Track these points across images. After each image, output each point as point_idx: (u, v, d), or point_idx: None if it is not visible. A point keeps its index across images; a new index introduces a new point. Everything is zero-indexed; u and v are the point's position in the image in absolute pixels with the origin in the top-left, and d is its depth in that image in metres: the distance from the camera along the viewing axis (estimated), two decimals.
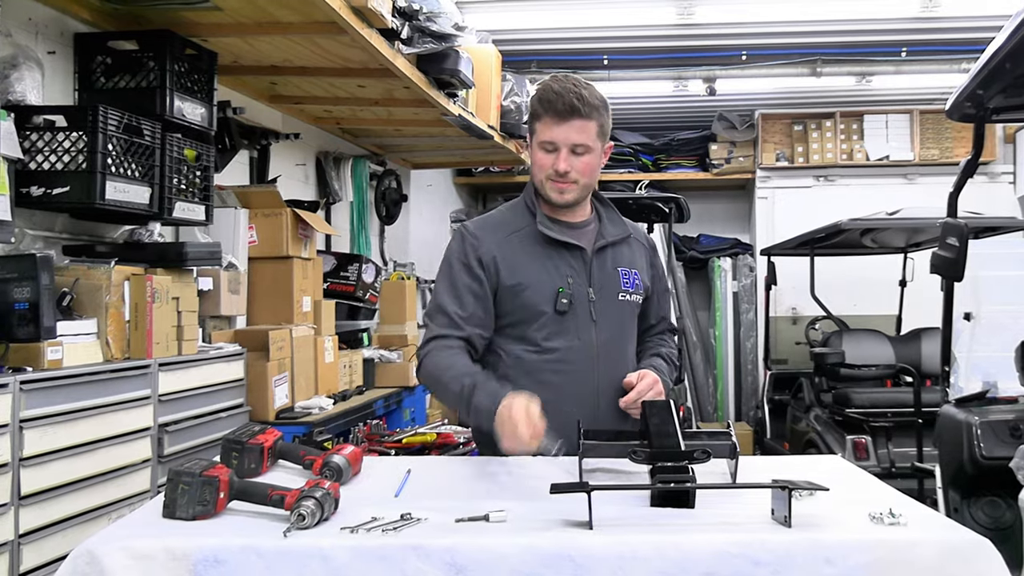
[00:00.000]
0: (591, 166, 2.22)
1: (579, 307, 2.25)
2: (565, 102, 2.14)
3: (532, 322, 2.25)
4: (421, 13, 3.86)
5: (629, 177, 8.52)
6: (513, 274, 2.24)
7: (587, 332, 2.25)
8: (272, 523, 1.56)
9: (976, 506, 3.28)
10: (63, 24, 3.23)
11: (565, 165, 2.18)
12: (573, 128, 2.16)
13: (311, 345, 4.16)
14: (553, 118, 2.16)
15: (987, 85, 3.08)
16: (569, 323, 2.24)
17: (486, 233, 2.29)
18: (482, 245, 2.26)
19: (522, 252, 2.26)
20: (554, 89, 2.17)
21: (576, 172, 2.20)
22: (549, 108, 2.16)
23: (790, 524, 1.54)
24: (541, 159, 2.22)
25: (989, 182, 7.88)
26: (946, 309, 3.58)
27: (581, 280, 2.26)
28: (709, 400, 8.67)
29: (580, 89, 2.17)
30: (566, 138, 2.17)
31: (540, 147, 2.21)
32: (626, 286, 2.31)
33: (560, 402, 2.19)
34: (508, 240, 2.27)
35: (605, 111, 2.22)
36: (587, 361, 2.25)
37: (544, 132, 2.19)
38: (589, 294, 2.26)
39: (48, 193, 2.87)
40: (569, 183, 2.22)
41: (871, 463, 5.18)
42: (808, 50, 6.55)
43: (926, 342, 6.14)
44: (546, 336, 2.24)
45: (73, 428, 2.57)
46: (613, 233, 2.34)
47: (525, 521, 1.59)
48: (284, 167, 5.14)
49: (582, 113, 2.15)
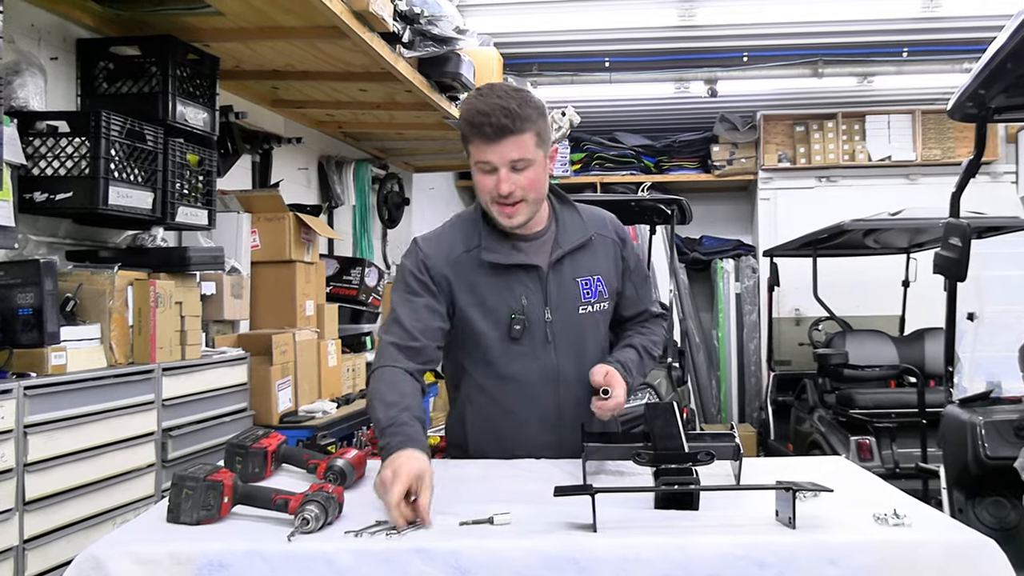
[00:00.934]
0: (535, 180, 2.08)
1: (534, 329, 2.16)
2: (493, 123, 1.99)
3: (487, 348, 2.18)
4: (422, 17, 3.87)
5: (631, 179, 8.52)
6: (463, 298, 2.16)
7: (545, 354, 2.17)
8: (276, 527, 1.56)
9: (981, 506, 3.28)
10: (65, 30, 3.24)
11: (508, 186, 2.04)
12: (508, 146, 2.01)
13: (314, 349, 4.16)
14: (482, 140, 2.02)
15: (989, 85, 3.08)
16: (525, 347, 2.16)
17: (438, 252, 2.18)
18: (433, 264, 2.16)
19: (473, 275, 2.16)
20: (479, 109, 2.01)
21: (521, 190, 2.06)
22: (478, 131, 2.02)
23: (794, 525, 1.54)
24: (482, 181, 2.08)
25: (991, 182, 7.86)
26: (949, 309, 3.58)
27: (536, 300, 2.16)
28: (712, 402, 8.66)
29: (508, 102, 2.01)
30: (502, 157, 2.03)
31: (478, 168, 2.08)
32: (587, 297, 2.21)
33: (522, 426, 2.19)
34: (459, 261, 2.16)
35: (540, 117, 2.07)
36: (546, 384, 2.18)
37: (478, 153, 2.05)
38: (545, 314, 2.16)
39: (51, 199, 2.87)
40: (516, 204, 2.08)
41: (875, 464, 5.17)
42: (809, 51, 6.54)
43: (929, 342, 6.13)
44: (502, 362, 2.17)
45: (77, 433, 2.57)
46: (571, 239, 2.21)
47: (529, 524, 1.59)
48: (286, 171, 5.14)
49: (513, 129, 2.00)
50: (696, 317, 8.69)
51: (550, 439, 2.19)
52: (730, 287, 8.63)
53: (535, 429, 2.19)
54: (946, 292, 3.59)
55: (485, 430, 2.23)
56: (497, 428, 2.21)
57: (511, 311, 2.15)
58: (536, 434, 2.19)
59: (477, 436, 2.24)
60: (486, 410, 2.22)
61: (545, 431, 2.19)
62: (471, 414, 2.25)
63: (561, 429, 2.19)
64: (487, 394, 2.22)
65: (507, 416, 2.20)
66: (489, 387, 2.21)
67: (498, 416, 2.21)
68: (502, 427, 2.20)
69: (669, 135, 8.75)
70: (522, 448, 2.18)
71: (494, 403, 2.21)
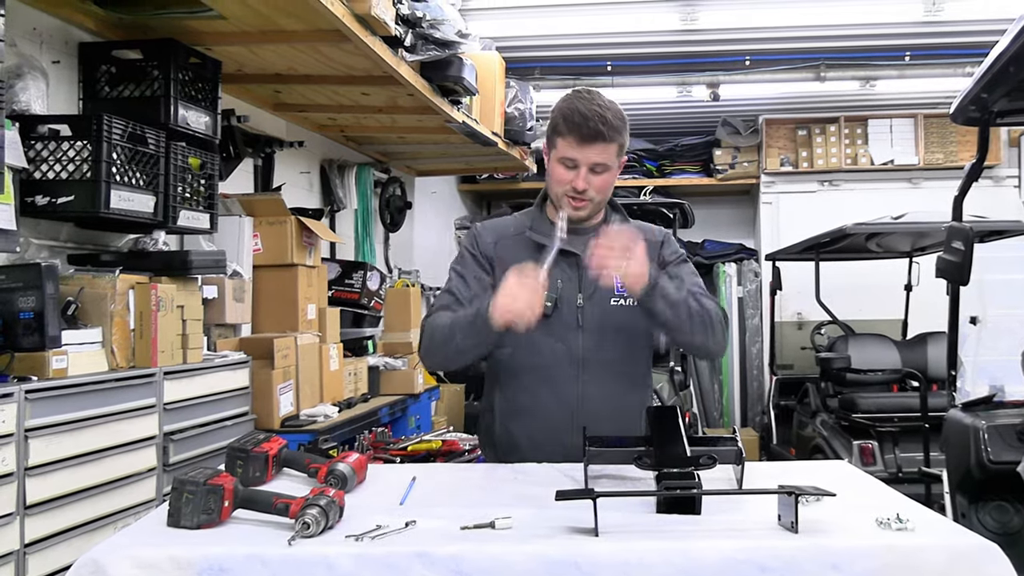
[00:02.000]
0: (608, 183, 2.26)
1: (566, 312, 2.26)
2: (591, 128, 2.15)
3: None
4: (424, 20, 3.86)
5: (633, 183, 8.52)
6: (504, 274, 2.22)
7: (572, 337, 2.26)
8: (277, 531, 1.56)
9: (984, 511, 3.27)
10: (68, 33, 3.24)
11: (583, 184, 2.20)
12: (595, 151, 2.18)
13: (316, 353, 4.16)
14: (576, 139, 2.17)
15: (991, 89, 3.08)
16: (554, 327, 2.25)
17: (489, 233, 2.39)
18: (483, 241, 2.36)
19: (515, 254, 2.28)
20: (580, 112, 2.16)
21: (593, 190, 2.23)
22: (574, 130, 2.17)
23: (797, 530, 1.54)
24: (560, 174, 2.23)
25: (994, 186, 7.86)
26: (952, 313, 3.57)
27: (571, 285, 2.27)
28: (715, 406, 8.65)
29: (605, 112, 2.17)
30: (587, 159, 2.19)
31: (560, 163, 2.23)
32: (620, 291, 2.26)
33: (542, 406, 2.26)
34: (508, 240, 2.35)
35: (626, 130, 2.24)
36: (569, 366, 2.26)
37: (566, 150, 2.20)
38: (578, 300, 2.27)
39: (53, 202, 2.87)
40: (585, 200, 2.24)
41: (878, 468, 5.17)
42: (812, 55, 6.55)
43: (932, 346, 6.13)
44: (531, 338, 2.23)
45: (78, 437, 2.57)
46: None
47: (530, 528, 1.59)
48: (288, 175, 5.14)
49: (605, 137, 2.16)
50: None
51: (568, 423, 2.23)
52: (732, 291, 8.63)
53: (557, 411, 2.26)
54: (949, 296, 3.59)
55: (509, 412, 2.32)
56: (520, 409, 2.29)
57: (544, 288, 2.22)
58: (558, 417, 2.26)
59: (504, 416, 2.33)
60: (511, 391, 2.33)
61: (565, 414, 2.25)
62: (498, 397, 2.35)
63: (580, 415, 2.22)
64: (515, 376, 2.32)
65: (532, 397, 2.28)
66: (518, 368, 2.31)
67: (523, 397, 2.29)
68: (525, 408, 2.29)
69: (671, 139, 8.76)
70: (542, 431, 2.26)
71: (520, 384, 2.30)
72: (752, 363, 8.55)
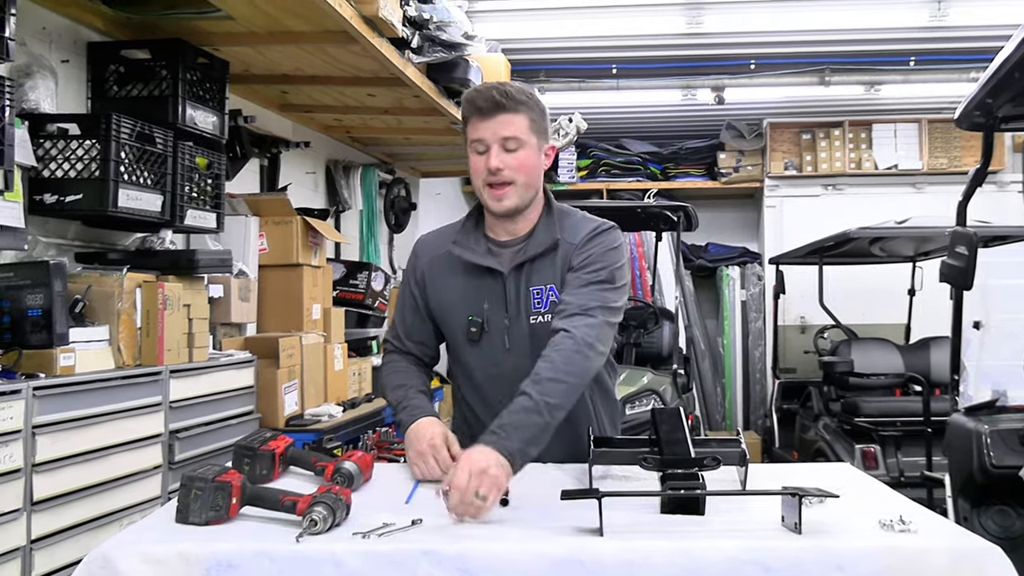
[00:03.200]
0: (527, 163, 2.11)
1: (494, 334, 2.17)
2: (486, 97, 2.09)
3: (455, 346, 2.26)
4: (431, 22, 3.88)
5: (637, 186, 8.52)
6: (435, 295, 2.24)
7: (502, 359, 2.17)
8: (284, 528, 1.57)
9: (986, 515, 3.27)
10: (77, 33, 3.26)
11: (497, 162, 2.08)
12: (499, 123, 2.08)
13: (320, 353, 4.17)
14: (478, 117, 2.10)
15: (996, 94, 3.08)
16: (484, 350, 2.19)
17: (425, 248, 2.32)
18: (418, 261, 2.29)
19: (445, 274, 2.23)
20: (478, 89, 2.16)
21: (510, 170, 2.09)
22: (472, 108, 2.11)
23: (800, 531, 1.55)
24: (475, 163, 2.14)
25: (998, 191, 7.85)
26: (955, 318, 3.58)
27: (498, 305, 2.16)
28: (717, 409, 8.66)
29: (505, 87, 2.12)
30: (494, 133, 2.09)
31: (472, 150, 2.14)
32: (537, 307, 2.15)
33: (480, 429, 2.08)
34: (438, 259, 2.24)
35: (534, 106, 2.13)
36: (502, 389, 2.10)
37: (472, 132, 2.13)
38: (504, 320, 2.16)
39: (61, 200, 2.89)
40: (505, 185, 2.10)
41: (880, 472, 5.16)
42: (816, 59, 6.55)
43: (935, 351, 6.12)
44: (470, 362, 2.22)
45: (85, 434, 2.58)
46: (537, 245, 2.16)
47: (536, 527, 1.60)
48: (294, 175, 5.16)
49: (506, 107, 2.08)
50: (701, 324, 8.69)
51: None
52: (736, 294, 8.63)
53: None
54: (952, 301, 3.59)
55: (463, 430, 2.27)
56: (471, 429, 2.20)
57: (469, 313, 2.19)
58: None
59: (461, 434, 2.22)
60: (465, 413, 2.32)
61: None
62: (456, 416, 2.37)
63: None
64: (464, 399, 2.31)
65: (475, 419, 2.24)
66: (465, 391, 2.30)
67: (472, 420, 2.26)
68: (475, 429, 2.15)
69: (676, 142, 8.75)
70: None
71: (469, 407, 2.30)
72: (755, 366, 8.54)
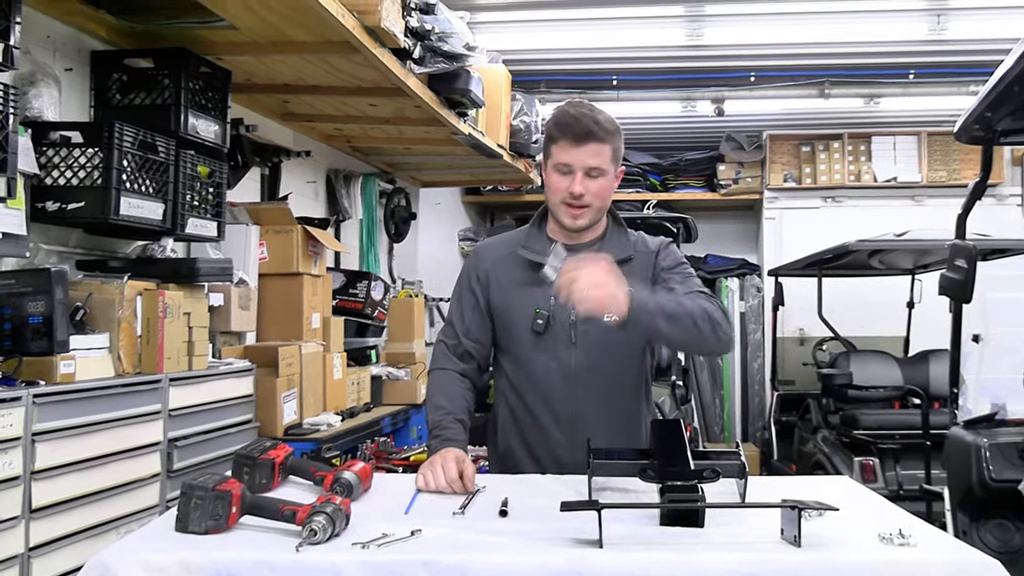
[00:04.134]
0: (605, 189, 2.26)
1: (558, 329, 2.27)
2: (582, 126, 2.18)
3: (514, 340, 2.33)
4: (433, 33, 3.89)
5: (637, 197, 8.54)
6: (499, 293, 2.34)
7: (565, 354, 2.27)
8: (284, 538, 1.57)
9: (985, 529, 3.27)
10: (80, 42, 3.27)
11: (580, 188, 2.21)
12: (588, 151, 2.20)
13: (320, 362, 4.18)
14: (569, 141, 2.20)
15: (995, 108, 3.10)
16: (547, 343, 2.27)
17: (487, 251, 2.42)
18: (480, 263, 2.39)
19: (511, 272, 2.33)
20: (571, 114, 2.22)
21: (591, 195, 2.23)
22: (566, 132, 2.21)
23: (800, 544, 1.55)
24: (556, 182, 2.25)
25: (997, 204, 7.88)
26: (954, 331, 3.58)
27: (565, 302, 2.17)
28: (716, 420, 8.66)
29: (596, 114, 2.22)
30: (581, 161, 2.20)
31: (555, 170, 2.25)
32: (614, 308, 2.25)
33: (539, 421, 2.29)
34: (503, 259, 2.36)
35: (619, 136, 2.27)
36: (564, 382, 2.28)
37: (560, 155, 2.22)
38: (571, 316, 2.24)
39: (63, 208, 2.89)
40: (583, 207, 2.25)
41: (879, 485, 5.16)
42: (816, 72, 6.58)
43: (934, 364, 6.12)
44: (528, 357, 2.30)
45: (84, 442, 2.58)
46: (613, 254, 2.22)
47: (535, 538, 1.60)
48: (295, 184, 5.17)
49: (598, 137, 2.19)
50: None
51: (566, 439, 2.26)
52: (735, 306, 8.64)
53: (552, 427, 2.29)
54: (951, 314, 3.60)
55: (510, 425, 2.35)
56: (519, 423, 2.33)
57: (537, 306, 2.27)
58: (553, 432, 2.29)
59: (504, 430, 2.37)
60: (512, 405, 2.36)
61: (562, 430, 2.28)
62: (501, 409, 2.40)
63: (577, 431, 2.24)
64: (515, 390, 2.35)
65: (528, 412, 2.32)
66: (516, 383, 2.35)
67: (521, 411, 2.33)
68: (523, 422, 2.32)
69: (675, 153, 8.78)
70: (540, 444, 2.30)
71: (519, 399, 2.34)
72: (753, 378, 8.55)
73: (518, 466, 2.31)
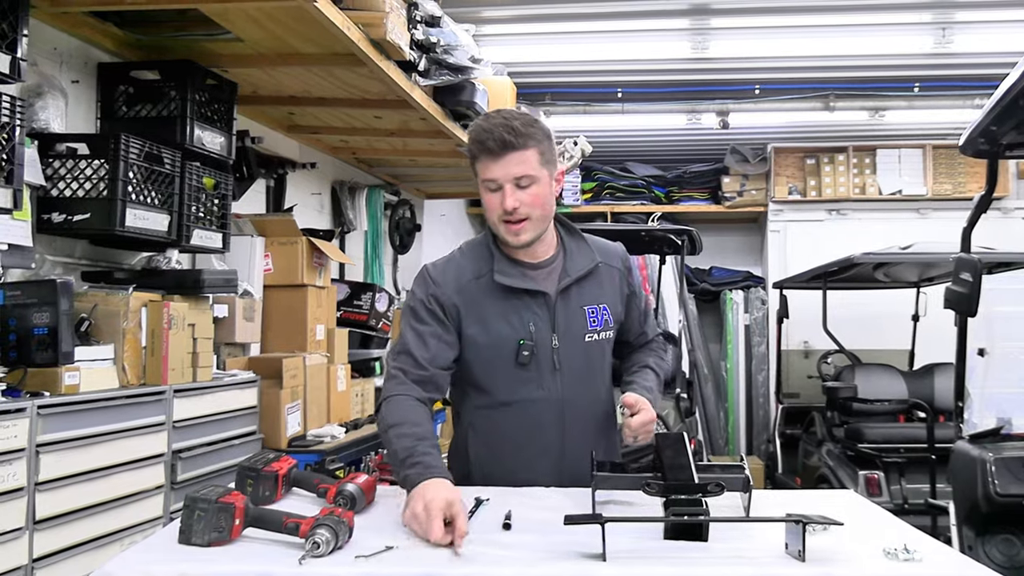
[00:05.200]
0: (540, 197, 2.13)
1: (542, 357, 2.17)
2: (495, 138, 2.07)
3: (493, 374, 2.20)
4: (439, 46, 3.91)
5: (642, 209, 8.55)
6: (473, 324, 2.18)
7: (551, 381, 2.19)
8: (287, 550, 1.57)
9: (990, 544, 3.25)
10: (87, 54, 3.29)
11: (512, 201, 2.09)
12: (511, 162, 2.08)
13: (324, 373, 4.17)
14: (488, 156, 2.10)
15: (1001, 121, 3.09)
16: (531, 374, 2.18)
17: (447, 279, 2.20)
18: (442, 292, 2.18)
19: (482, 301, 2.18)
20: (483, 127, 2.11)
21: (526, 206, 2.11)
22: (482, 147, 2.10)
23: (804, 558, 1.54)
24: (488, 200, 2.14)
25: (1002, 217, 7.86)
26: (960, 344, 3.57)
27: (544, 327, 2.18)
28: (720, 433, 8.63)
29: (511, 121, 2.09)
30: (506, 173, 2.09)
31: (485, 188, 2.14)
32: (593, 325, 2.23)
33: (525, 453, 2.19)
34: (467, 287, 2.19)
35: (544, 136, 2.14)
36: (551, 411, 2.19)
37: (484, 172, 2.12)
38: (552, 341, 2.18)
39: (69, 220, 2.91)
40: (521, 221, 2.12)
41: (884, 499, 5.14)
42: (821, 85, 6.58)
43: (939, 377, 6.10)
44: (507, 388, 2.19)
45: (88, 453, 2.58)
46: (579, 267, 2.23)
47: (539, 552, 1.59)
48: (300, 196, 5.18)
49: (516, 145, 2.07)
50: (705, 348, 8.68)
51: (552, 467, 2.20)
52: (739, 318, 8.62)
53: (538, 456, 2.20)
54: (957, 327, 3.59)
55: (488, 457, 2.24)
56: (500, 455, 2.21)
57: (520, 337, 2.17)
58: (539, 462, 2.20)
59: (481, 462, 2.24)
60: (489, 437, 2.24)
61: (548, 459, 2.20)
62: (473, 440, 2.26)
63: (564, 458, 2.20)
64: (491, 421, 2.23)
65: (510, 443, 2.21)
66: (493, 413, 2.22)
67: (501, 443, 2.21)
68: (504, 454, 2.21)
69: (680, 166, 8.79)
70: (524, 475, 2.17)
71: (497, 430, 2.22)
72: (758, 391, 8.53)
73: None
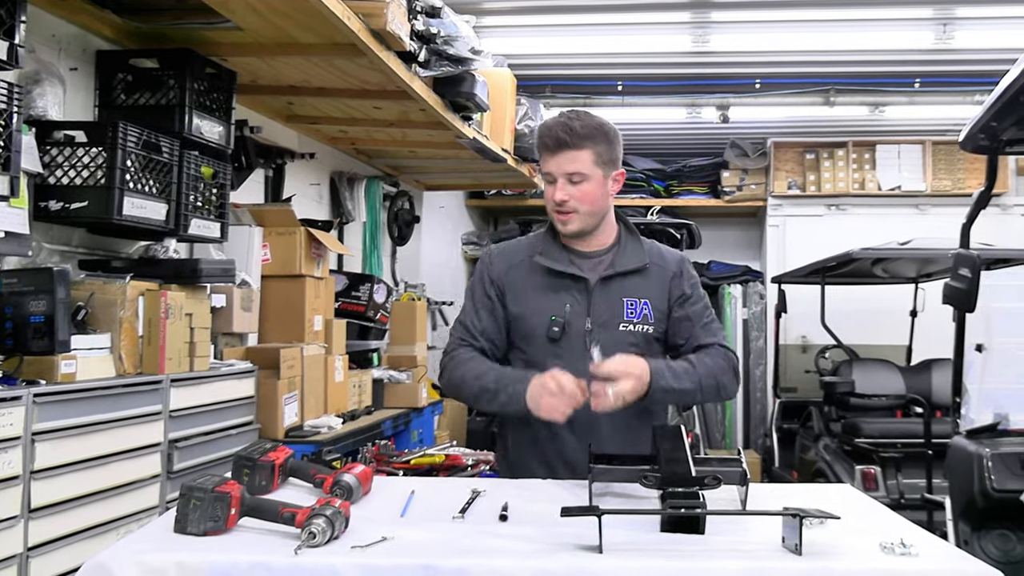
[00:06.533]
0: (591, 194, 2.28)
1: (573, 336, 2.29)
2: (553, 136, 2.25)
3: (530, 348, 2.35)
4: (439, 37, 3.89)
5: (641, 203, 8.53)
6: (514, 300, 2.36)
7: (580, 363, 2.22)
8: (283, 540, 1.57)
9: (986, 539, 3.26)
10: (86, 41, 3.27)
11: (562, 194, 2.26)
12: (565, 159, 2.24)
13: (321, 364, 4.17)
14: (547, 151, 2.28)
15: (1001, 117, 3.09)
16: (562, 350, 2.28)
17: (501, 258, 2.43)
18: (494, 269, 2.40)
19: (526, 279, 2.36)
20: (548, 125, 2.30)
21: (574, 200, 2.27)
22: (543, 143, 2.29)
23: (801, 552, 1.54)
24: (546, 192, 2.33)
25: (1002, 214, 7.86)
26: (957, 340, 3.57)
27: (580, 309, 2.31)
28: (717, 427, 8.64)
29: (571, 122, 2.25)
30: (559, 168, 2.26)
31: (544, 179, 2.33)
32: (630, 316, 2.32)
33: (552, 427, 2.24)
34: (517, 267, 2.39)
35: (603, 139, 2.27)
36: None
37: (544, 165, 2.31)
38: (586, 324, 2.29)
39: (66, 207, 2.89)
40: (569, 212, 2.28)
41: (880, 494, 5.15)
42: (821, 80, 6.57)
43: (937, 373, 6.11)
44: (542, 364, 2.26)
45: (84, 442, 2.58)
46: (626, 263, 2.36)
47: (535, 544, 1.59)
48: (299, 186, 5.17)
49: (570, 144, 2.23)
50: None
51: (580, 444, 2.23)
52: (737, 313, 8.63)
53: (566, 433, 2.27)
54: (954, 323, 3.59)
55: (523, 433, 2.34)
56: (534, 431, 2.31)
57: (552, 313, 2.30)
58: (569, 440, 2.28)
59: (517, 438, 2.37)
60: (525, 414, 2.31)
61: (578, 438, 2.26)
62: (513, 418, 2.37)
63: (592, 438, 2.20)
64: None
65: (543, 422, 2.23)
66: None
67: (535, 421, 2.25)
68: (538, 430, 2.29)
69: (680, 160, 8.78)
70: (555, 454, 2.30)
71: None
72: (756, 385, 8.53)
73: (529, 471, 2.29)
